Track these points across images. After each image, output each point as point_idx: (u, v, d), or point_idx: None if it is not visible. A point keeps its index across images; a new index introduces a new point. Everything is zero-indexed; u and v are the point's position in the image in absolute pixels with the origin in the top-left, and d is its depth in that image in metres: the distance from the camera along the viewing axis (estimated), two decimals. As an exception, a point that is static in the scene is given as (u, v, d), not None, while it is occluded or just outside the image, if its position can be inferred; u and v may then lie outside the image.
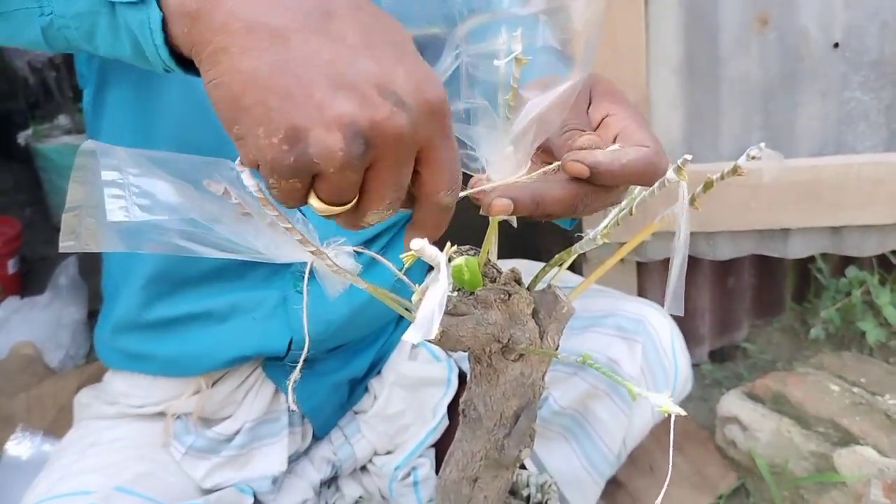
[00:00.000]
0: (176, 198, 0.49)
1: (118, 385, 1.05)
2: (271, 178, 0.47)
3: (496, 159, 0.55)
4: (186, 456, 1.01)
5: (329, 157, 0.45)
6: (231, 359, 1.00)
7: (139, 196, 0.49)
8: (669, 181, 0.50)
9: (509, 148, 0.55)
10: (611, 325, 1.06)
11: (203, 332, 0.99)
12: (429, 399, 1.09)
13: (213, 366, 1.01)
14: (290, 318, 0.98)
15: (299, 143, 0.45)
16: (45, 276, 2.01)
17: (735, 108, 1.46)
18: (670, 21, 1.42)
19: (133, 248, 0.50)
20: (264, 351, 1.00)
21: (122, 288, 1.01)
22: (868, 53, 1.41)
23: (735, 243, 1.54)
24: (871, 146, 1.46)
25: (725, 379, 1.73)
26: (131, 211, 0.49)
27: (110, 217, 0.48)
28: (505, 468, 0.69)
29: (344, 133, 0.45)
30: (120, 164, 0.50)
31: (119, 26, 0.56)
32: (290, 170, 0.46)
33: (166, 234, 0.50)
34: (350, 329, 1.02)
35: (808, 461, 1.32)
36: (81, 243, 0.50)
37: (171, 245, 0.50)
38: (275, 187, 0.48)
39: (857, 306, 1.71)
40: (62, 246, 0.49)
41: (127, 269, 1.00)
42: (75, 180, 0.50)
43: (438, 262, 0.45)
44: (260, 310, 0.98)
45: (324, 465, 1.09)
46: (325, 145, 0.45)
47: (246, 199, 0.49)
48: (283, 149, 0.45)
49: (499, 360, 0.63)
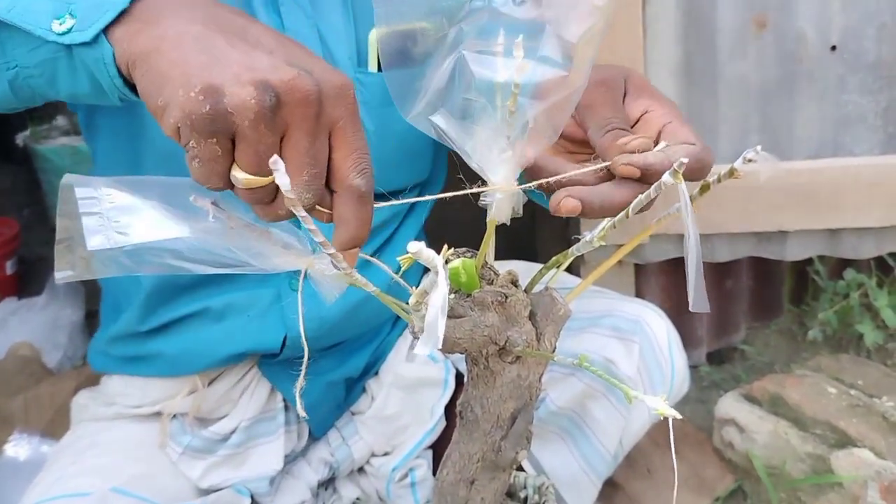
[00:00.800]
0: (157, 221, 0.51)
1: (115, 386, 1.06)
2: (192, 139, 0.51)
3: (493, 161, 0.55)
4: (183, 456, 1.02)
5: (242, 107, 0.50)
6: (226, 357, 1.01)
7: (118, 223, 0.51)
8: (666, 184, 0.50)
9: (508, 152, 0.55)
10: (608, 326, 1.06)
11: (199, 331, 0.99)
12: (426, 400, 1.09)
13: (209, 364, 1.01)
14: (284, 315, 0.99)
15: (215, 94, 0.50)
16: (43, 278, 2.01)
17: (733, 111, 1.46)
18: (668, 23, 1.42)
19: (128, 272, 0.51)
20: (259, 348, 1.00)
21: (122, 306, 1.03)
22: (865, 56, 1.41)
23: (732, 245, 1.54)
24: (869, 149, 1.46)
25: (723, 381, 1.73)
26: (110, 237, 0.50)
27: (90, 245, 0.51)
28: (502, 470, 0.69)
29: (255, 86, 0.50)
30: (97, 194, 0.51)
31: (77, 67, 0.62)
32: (207, 121, 0.50)
33: (159, 256, 0.52)
34: (345, 327, 1.03)
35: (806, 463, 1.32)
36: (78, 272, 0.52)
37: (165, 266, 0.52)
38: (196, 157, 0.51)
39: (855, 309, 1.71)
40: (58, 277, 0.53)
41: (126, 289, 1.02)
42: (61, 214, 0.52)
43: (435, 265, 0.45)
44: (254, 308, 0.98)
45: (321, 466, 1.09)
46: (238, 96, 0.50)
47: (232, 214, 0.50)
48: (200, 99, 0.49)
49: (496, 362, 0.63)
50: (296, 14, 0.92)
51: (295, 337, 0.99)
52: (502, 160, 0.54)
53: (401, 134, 1.00)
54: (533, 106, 0.54)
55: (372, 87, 0.97)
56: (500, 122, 0.54)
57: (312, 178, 0.53)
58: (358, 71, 0.96)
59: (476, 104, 0.55)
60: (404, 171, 1.04)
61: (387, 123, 0.98)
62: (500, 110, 0.53)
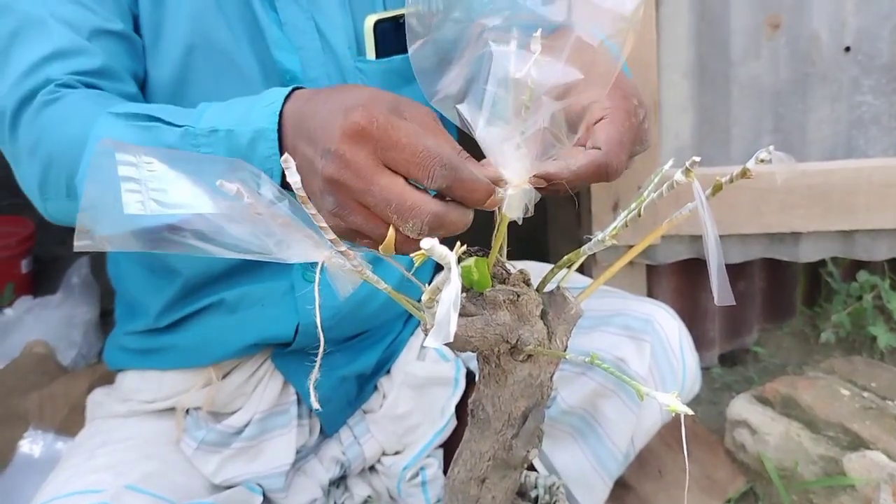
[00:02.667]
0: (190, 195, 0.50)
1: (130, 381, 1.07)
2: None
3: (507, 156, 0.55)
4: (198, 451, 1.02)
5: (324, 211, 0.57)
6: (240, 347, 1.02)
7: (156, 191, 0.50)
8: (678, 183, 0.50)
9: (522, 148, 0.55)
10: (619, 325, 1.06)
11: (213, 322, 1.01)
12: (437, 399, 1.09)
13: (223, 355, 1.02)
14: (297, 304, 1.00)
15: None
16: (58, 276, 2.03)
17: (746, 112, 1.46)
18: (682, 25, 1.42)
19: (147, 247, 0.51)
20: (272, 337, 1.02)
21: (140, 306, 1.05)
22: (879, 57, 1.40)
23: (745, 247, 1.54)
24: (882, 150, 1.45)
25: (735, 383, 1.72)
26: (147, 205, 0.49)
27: (127, 210, 0.49)
28: (513, 469, 0.69)
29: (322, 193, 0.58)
30: (137, 161, 0.50)
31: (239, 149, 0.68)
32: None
33: (180, 234, 0.50)
34: (357, 318, 1.03)
35: (818, 465, 1.32)
36: (96, 243, 0.50)
37: (185, 245, 0.51)
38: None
39: (868, 311, 1.70)
40: (77, 245, 0.50)
41: (143, 290, 1.04)
42: (91, 180, 0.51)
43: (448, 262, 0.45)
44: (268, 298, 1.00)
45: (332, 464, 1.09)
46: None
47: (258, 200, 0.50)
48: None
49: (507, 360, 0.63)
50: (291, 8, 0.93)
51: (308, 325, 1.00)
52: (516, 156, 0.55)
53: None
54: (550, 104, 0.54)
55: (371, 74, 0.98)
56: (515, 118, 0.54)
57: (401, 214, 0.57)
58: (357, 60, 0.97)
59: (495, 97, 0.55)
60: None
61: None
62: (516, 106, 0.54)
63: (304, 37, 0.94)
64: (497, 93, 0.54)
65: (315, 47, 0.95)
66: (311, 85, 0.91)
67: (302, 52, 0.94)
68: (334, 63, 0.96)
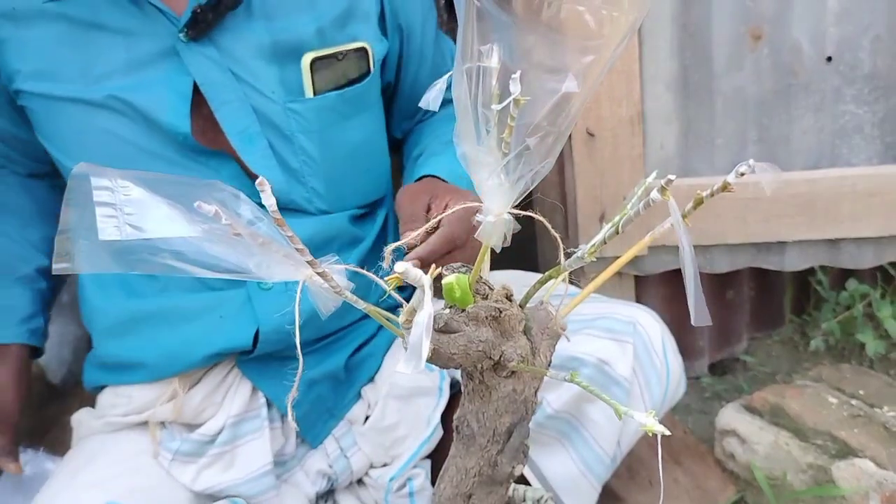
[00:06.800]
0: (167, 218, 0.51)
1: (106, 398, 1.10)
2: None
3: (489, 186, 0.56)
4: (174, 462, 1.04)
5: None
6: (202, 357, 1.03)
7: (131, 216, 0.50)
8: (654, 201, 0.51)
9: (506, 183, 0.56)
10: (602, 328, 1.07)
11: (172, 332, 1.03)
12: (422, 409, 1.10)
13: (187, 366, 1.04)
14: (255, 311, 1.02)
15: None
16: (48, 294, 2.02)
17: (729, 123, 1.47)
18: (664, 37, 1.43)
19: (126, 269, 0.51)
20: (231, 346, 1.03)
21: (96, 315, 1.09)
22: (861, 67, 1.42)
23: (731, 256, 1.55)
24: (866, 159, 1.46)
25: (725, 392, 1.73)
26: (123, 230, 0.50)
27: (102, 236, 0.50)
28: (499, 484, 0.69)
29: None
30: (113, 185, 0.51)
31: None
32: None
33: (158, 255, 0.51)
34: (319, 322, 1.04)
35: (807, 474, 1.32)
36: (75, 265, 0.51)
37: (164, 266, 0.51)
38: None
39: (858, 318, 1.71)
40: (55, 268, 0.51)
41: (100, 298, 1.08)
42: (67, 203, 0.51)
43: (422, 284, 0.46)
44: (225, 307, 1.02)
45: (319, 478, 1.10)
46: None
47: (237, 221, 0.50)
48: None
49: (491, 376, 0.63)
50: (200, 62, 0.96)
51: (267, 332, 1.02)
52: (495, 186, 0.55)
53: (348, 153, 1.05)
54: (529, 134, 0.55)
55: (306, 112, 1.00)
56: (496, 149, 0.55)
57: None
58: (289, 101, 0.99)
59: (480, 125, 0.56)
60: (360, 188, 1.08)
61: (332, 145, 1.03)
62: (497, 137, 0.54)
63: (222, 85, 0.98)
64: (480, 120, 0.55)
65: (238, 97, 0.98)
66: (243, 135, 0.99)
67: (225, 106, 0.98)
68: (263, 108, 1.00)
